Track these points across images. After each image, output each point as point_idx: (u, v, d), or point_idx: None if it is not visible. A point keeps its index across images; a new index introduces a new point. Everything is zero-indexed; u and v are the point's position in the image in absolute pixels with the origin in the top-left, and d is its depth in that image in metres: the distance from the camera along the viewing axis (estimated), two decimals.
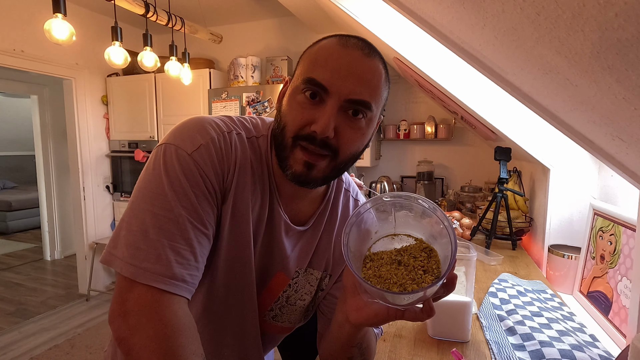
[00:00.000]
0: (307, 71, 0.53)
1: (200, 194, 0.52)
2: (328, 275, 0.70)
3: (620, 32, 0.30)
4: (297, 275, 0.66)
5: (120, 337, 0.47)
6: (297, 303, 0.68)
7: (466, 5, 0.48)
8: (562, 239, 1.46)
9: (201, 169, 0.52)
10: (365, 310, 0.49)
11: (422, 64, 1.52)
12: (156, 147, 0.55)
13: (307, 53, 0.56)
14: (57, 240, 4.02)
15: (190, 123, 0.56)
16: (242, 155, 0.57)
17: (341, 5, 1.57)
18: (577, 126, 0.64)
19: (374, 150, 2.97)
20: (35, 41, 2.72)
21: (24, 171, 6.30)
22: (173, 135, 0.54)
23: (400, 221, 0.48)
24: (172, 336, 0.46)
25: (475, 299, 1.07)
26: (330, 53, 0.52)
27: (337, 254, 0.69)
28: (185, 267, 0.50)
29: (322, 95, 0.52)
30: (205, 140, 0.54)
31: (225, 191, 0.56)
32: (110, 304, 0.49)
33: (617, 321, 0.95)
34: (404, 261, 0.46)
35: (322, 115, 0.51)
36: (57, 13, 1.72)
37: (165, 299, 0.48)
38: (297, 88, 0.54)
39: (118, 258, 0.48)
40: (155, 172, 0.52)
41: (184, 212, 0.50)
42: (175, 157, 0.52)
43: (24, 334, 2.54)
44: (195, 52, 3.45)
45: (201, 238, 0.52)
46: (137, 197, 0.51)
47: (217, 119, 0.58)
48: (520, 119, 1.47)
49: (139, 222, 0.49)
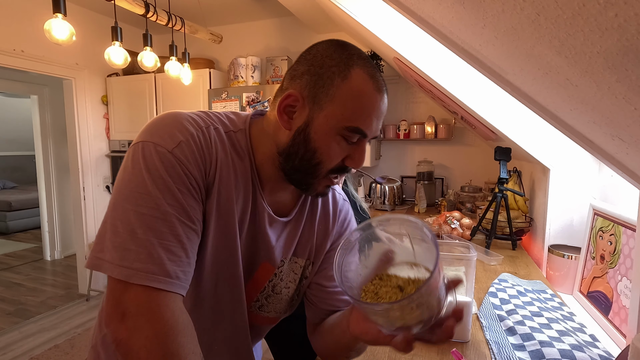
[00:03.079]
0: (350, 119, 0.54)
1: (184, 190, 0.52)
2: (311, 263, 0.72)
3: (620, 32, 0.30)
4: (282, 264, 0.68)
5: (118, 339, 0.46)
6: (282, 292, 0.70)
7: (466, 5, 0.48)
8: (562, 239, 1.46)
9: (183, 166, 0.52)
10: (363, 325, 0.51)
11: (422, 64, 1.52)
12: (132, 146, 0.53)
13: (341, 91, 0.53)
14: (57, 240, 4.02)
15: (166, 119, 0.55)
16: (222, 150, 0.57)
17: (341, 5, 1.57)
18: (577, 126, 0.64)
19: (374, 150, 2.97)
20: (35, 41, 2.72)
21: (24, 171, 6.30)
22: (149, 132, 0.53)
23: (420, 252, 0.48)
24: (172, 335, 0.46)
25: (475, 299, 1.07)
26: (372, 102, 0.55)
27: (319, 243, 0.71)
28: (178, 264, 0.50)
29: (360, 139, 0.57)
30: (184, 137, 0.53)
31: (209, 186, 0.56)
32: (104, 307, 0.49)
33: (617, 321, 0.95)
34: (405, 289, 0.45)
35: (359, 154, 0.57)
36: (57, 13, 1.72)
37: (161, 298, 0.48)
38: (336, 131, 0.55)
39: (106, 261, 0.48)
40: (136, 171, 0.51)
41: (170, 210, 0.50)
42: (156, 154, 0.51)
43: (24, 334, 2.54)
44: (195, 52, 3.45)
45: (190, 234, 0.52)
46: (118, 198, 0.50)
47: (193, 114, 0.58)
48: (520, 119, 1.47)
49: (124, 223, 0.48)
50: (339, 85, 0.54)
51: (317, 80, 0.54)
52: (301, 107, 0.56)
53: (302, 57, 0.58)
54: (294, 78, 0.57)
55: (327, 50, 0.55)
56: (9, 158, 6.24)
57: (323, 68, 0.54)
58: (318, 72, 0.55)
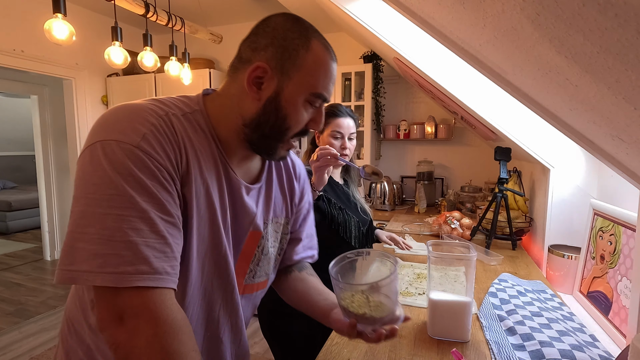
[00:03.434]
0: (315, 86, 0.60)
1: (157, 184, 0.50)
2: (290, 220, 0.80)
3: (620, 32, 0.30)
4: (266, 226, 0.72)
5: (117, 342, 0.46)
6: (269, 251, 0.74)
7: (466, 5, 0.48)
8: (562, 239, 1.46)
9: (153, 159, 0.50)
10: (339, 321, 0.66)
11: (422, 64, 1.52)
12: (87, 148, 0.50)
13: (306, 61, 0.59)
14: (57, 240, 4.01)
15: (119, 114, 0.52)
16: (186, 135, 0.57)
17: (341, 5, 1.57)
18: (577, 126, 0.64)
19: (373, 150, 2.97)
20: (35, 41, 2.72)
21: (24, 171, 6.30)
22: (105, 130, 0.50)
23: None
24: (172, 334, 0.46)
25: (475, 299, 1.07)
26: (330, 70, 0.61)
27: (290, 200, 0.79)
28: (164, 259, 0.49)
29: (321, 103, 0.63)
30: (147, 128, 0.51)
31: (182, 175, 0.55)
32: (96, 314, 0.48)
33: (617, 321, 0.95)
34: (371, 298, 0.63)
35: (320, 117, 0.64)
36: (57, 13, 1.72)
37: (156, 296, 0.47)
38: (304, 98, 0.60)
39: (83, 272, 0.45)
40: (100, 173, 0.48)
41: (147, 207, 0.49)
42: (121, 152, 0.48)
43: (24, 334, 2.54)
44: (195, 52, 3.45)
45: (171, 229, 0.51)
46: (85, 204, 0.47)
47: (147, 103, 0.56)
48: (520, 119, 1.47)
49: (99, 229, 0.46)
50: (304, 56, 0.59)
51: (283, 52, 0.58)
52: (269, 77, 0.58)
53: (259, 29, 0.60)
54: (257, 50, 0.58)
55: (286, 24, 0.59)
56: (9, 158, 6.24)
57: (286, 41, 0.58)
58: (282, 44, 0.58)
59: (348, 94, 2.88)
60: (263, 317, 1.26)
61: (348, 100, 2.86)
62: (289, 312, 1.21)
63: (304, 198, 0.83)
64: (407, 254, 1.53)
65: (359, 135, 2.81)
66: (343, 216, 1.27)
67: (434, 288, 0.89)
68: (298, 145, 1.56)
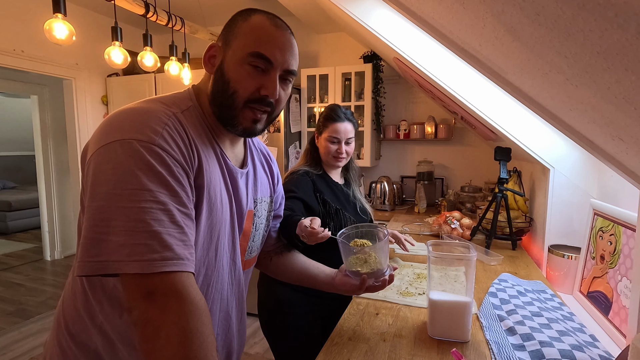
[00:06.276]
0: (251, 46, 0.62)
1: (174, 179, 0.54)
2: (274, 198, 0.87)
3: (620, 32, 0.30)
4: (256, 205, 0.79)
5: (147, 318, 0.48)
6: (260, 227, 0.81)
7: (466, 5, 0.48)
8: (562, 239, 1.46)
9: (170, 156, 0.55)
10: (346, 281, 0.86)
11: (422, 63, 1.52)
12: (103, 147, 0.53)
13: (242, 28, 0.64)
14: (57, 240, 4.02)
15: (134, 115, 0.56)
16: (192, 130, 0.62)
17: (341, 5, 1.57)
18: (577, 126, 0.64)
19: (373, 150, 2.97)
20: (35, 41, 2.72)
21: (24, 171, 6.29)
22: (121, 130, 0.54)
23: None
24: (197, 314, 0.50)
25: (475, 299, 1.07)
26: (269, 33, 0.64)
27: (270, 180, 0.85)
28: (183, 247, 0.53)
29: (267, 66, 0.63)
30: (162, 128, 0.56)
31: (195, 169, 0.60)
32: (125, 296, 0.50)
33: (617, 321, 0.95)
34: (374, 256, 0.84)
35: (271, 83, 0.64)
36: (57, 13, 1.72)
37: (184, 279, 0.51)
38: (242, 59, 0.62)
39: (113, 262, 0.48)
40: (120, 169, 0.51)
41: (166, 199, 0.53)
42: (141, 149, 0.52)
43: (24, 334, 2.54)
44: (195, 52, 3.44)
45: (186, 220, 0.55)
46: (106, 199, 0.50)
47: (153, 104, 0.60)
48: (520, 119, 1.47)
49: (124, 222, 0.49)
50: (241, 25, 0.64)
51: (227, 30, 0.66)
52: (218, 53, 0.65)
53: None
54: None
55: (242, 13, 0.66)
56: (9, 158, 6.24)
57: (232, 20, 0.66)
58: (228, 24, 0.66)
59: (348, 94, 2.88)
60: (263, 317, 1.26)
61: (348, 101, 2.86)
62: (289, 312, 1.22)
63: (280, 179, 0.92)
64: (407, 254, 1.53)
65: (359, 135, 2.81)
66: (338, 218, 1.27)
67: (434, 288, 0.89)
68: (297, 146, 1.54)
